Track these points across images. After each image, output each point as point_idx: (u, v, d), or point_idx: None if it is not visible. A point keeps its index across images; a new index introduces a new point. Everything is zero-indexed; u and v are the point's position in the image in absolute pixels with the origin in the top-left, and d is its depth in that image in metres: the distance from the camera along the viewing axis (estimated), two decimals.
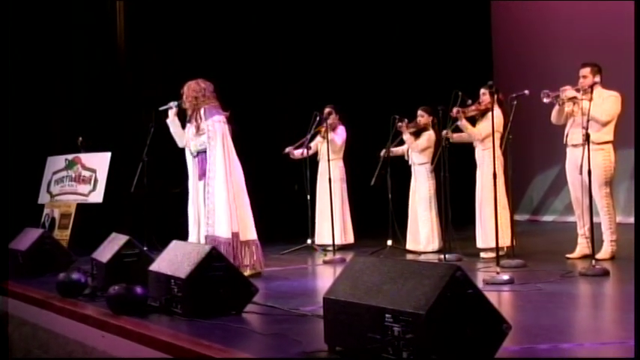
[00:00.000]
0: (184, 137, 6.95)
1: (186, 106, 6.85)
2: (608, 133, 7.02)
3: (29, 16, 10.35)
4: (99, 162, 9.98)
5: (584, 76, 7.06)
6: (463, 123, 7.66)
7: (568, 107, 7.18)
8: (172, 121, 7.00)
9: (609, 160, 7.04)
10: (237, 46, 11.45)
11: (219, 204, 6.57)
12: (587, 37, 11.15)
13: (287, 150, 9.27)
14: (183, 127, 7.00)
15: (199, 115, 6.74)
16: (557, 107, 7.21)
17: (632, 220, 10.27)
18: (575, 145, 7.14)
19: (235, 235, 6.59)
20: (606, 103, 6.94)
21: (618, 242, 7.15)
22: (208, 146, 6.67)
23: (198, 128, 6.77)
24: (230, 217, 6.56)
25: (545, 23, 12.10)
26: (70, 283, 5.75)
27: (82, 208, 9.86)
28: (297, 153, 9.21)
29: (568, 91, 7.06)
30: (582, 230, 7.26)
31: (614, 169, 7.15)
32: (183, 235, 6.76)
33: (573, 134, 7.16)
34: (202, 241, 6.62)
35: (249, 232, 6.79)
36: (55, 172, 10.34)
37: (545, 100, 7.09)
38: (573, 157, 7.17)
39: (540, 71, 11.42)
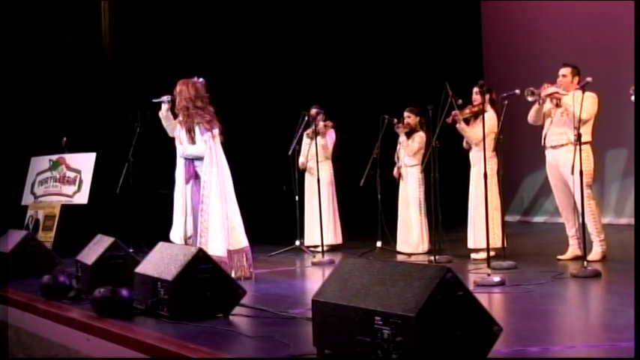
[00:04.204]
0: (176, 129, 6.95)
1: (177, 108, 6.86)
2: (586, 134, 7.01)
3: (12, 15, 10.29)
4: (84, 162, 9.93)
5: (564, 75, 7.15)
6: (462, 126, 7.66)
7: (546, 106, 7.20)
8: (166, 116, 7.04)
9: (588, 160, 7.05)
10: (224, 46, 11.43)
11: (213, 223, 6.60)
12: (578, 36, 11.19)
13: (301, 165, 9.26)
14: (175, 117, 7.01)
15: (193, 127, 6.75)
16: (535, 106, 7.23)
17: (623, 220, 10.31)
18: (554, 147, 7.16)
19: (229, 251, 6.62)
20: (585, 103, 6.97)
21: (609, 243, 7.18)
22: (206, 163, 6.68)
23: (192, 139, 6.78)
24: (224, 235, 6.61)
25: (536, 22, 12.13)
26: (55, 285, 5.73)
27: (66, 209, 9.81)
28: (301, 164, 9.26)
29: (549, 89, 7.09)
30: (572, 232, 7.29)
31: (594, 170, 7.17)
32: (169, 237, 6.75)
33: (552, 135, 7.18)
34: (189, 230, 6.69)
35: (241, 240, 6.80)
36: (39, 173, 10.29)
37: (530, 99, 7.11)
38: (553, 158, 7.20)
39: (531, 70, 11.44)
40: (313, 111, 9.05)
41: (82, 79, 10.84)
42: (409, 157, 8.47)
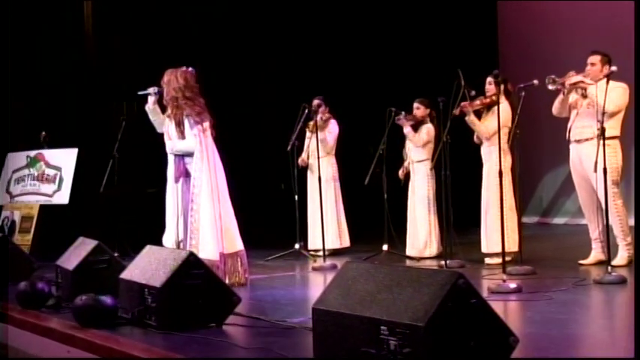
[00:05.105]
0: (164, 124, 6.96)
1: (166, 100, 6.87)
2: (614, 127, 7.00)
3: None
4: (64, 159, 9.95)
5: (593, 64, 7.10)
6: (471, 119, 7.66)
7: (572, 97, 7.19)
8: (152, 110, 7.06)
9: (615, 157, 7.03)
10: (215, 34, 11.42)
11: (204, 224, 6.61)
12: (598, 23, 11.17)
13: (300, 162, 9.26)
14: (163, 111, 7.02)
15: (182, 120, 6.76)
16: (560, 97, 7.22)
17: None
18: (579, 141, 7.15)
19: (222, 255, 6.62)
20: (613, 94, 6.95)
21: (636, 247, 7.16)
22: (196, 159, 6.70)
23: (182, 133, 6.78)
24: (217, 237, 6.61)
25: (554, 9, 12.11)
26: (32, 292, 5.72)
27: (45, 209, 9.82)
28: (301, 161, 9.26)
29: (573, 77, 7.07)
30: (595, 234, 7.28)
31: (622, 167, 7.16)
32: (157, 240, 6.75)
33: (577, 129, 7.17)
34: (181, 233, 6.68)
35: (235, 243, 6.81)
36: (15, 171, 10.30)
37: (551, 87, 7.08)
38: (577, 154, 7.20)
39: (551, 60, 11.45)
40: (315, 102, 9.05)
41: (63, 69, 10.84)
42: (417, 149, 8.46)
